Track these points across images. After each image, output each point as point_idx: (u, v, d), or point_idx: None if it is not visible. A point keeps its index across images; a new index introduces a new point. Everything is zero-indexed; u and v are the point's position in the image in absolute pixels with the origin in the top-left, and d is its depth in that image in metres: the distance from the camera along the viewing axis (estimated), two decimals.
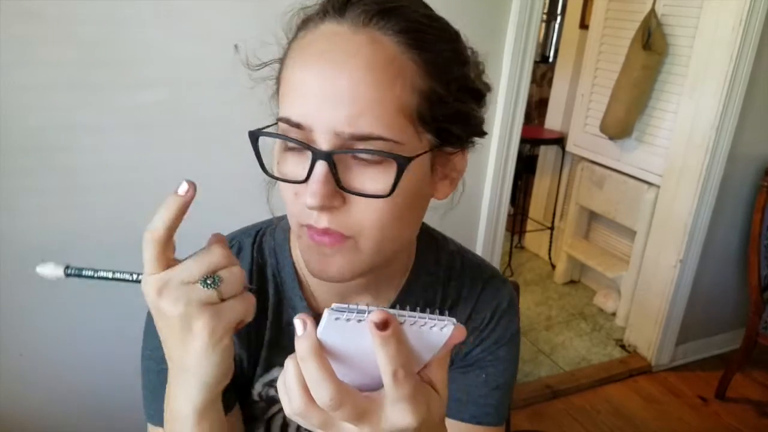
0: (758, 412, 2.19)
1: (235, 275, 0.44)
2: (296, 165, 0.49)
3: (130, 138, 1.25)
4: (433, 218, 0.63)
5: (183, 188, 0.43)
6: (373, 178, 0.47)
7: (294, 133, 0.48)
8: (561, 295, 2.94)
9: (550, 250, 3.23)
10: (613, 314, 2.74)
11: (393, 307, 0.62)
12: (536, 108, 3.73)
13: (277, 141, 0.51)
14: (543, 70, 3.65)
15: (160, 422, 0.57)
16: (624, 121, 2.41)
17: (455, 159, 0.56)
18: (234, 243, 0.64)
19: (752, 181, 2.23)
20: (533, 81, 3.52)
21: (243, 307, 0.45)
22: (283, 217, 0.63)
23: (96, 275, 0.46)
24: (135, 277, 0.45)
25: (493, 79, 1.82)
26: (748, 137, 2.12)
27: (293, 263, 0.62)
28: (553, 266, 3.16)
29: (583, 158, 2.87)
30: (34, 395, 1.34)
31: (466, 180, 0.60)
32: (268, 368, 0.64)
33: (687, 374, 2.38)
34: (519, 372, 2.21)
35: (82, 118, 1.20)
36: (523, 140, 2.01)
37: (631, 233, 2.62)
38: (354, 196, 0.48)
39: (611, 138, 2.54)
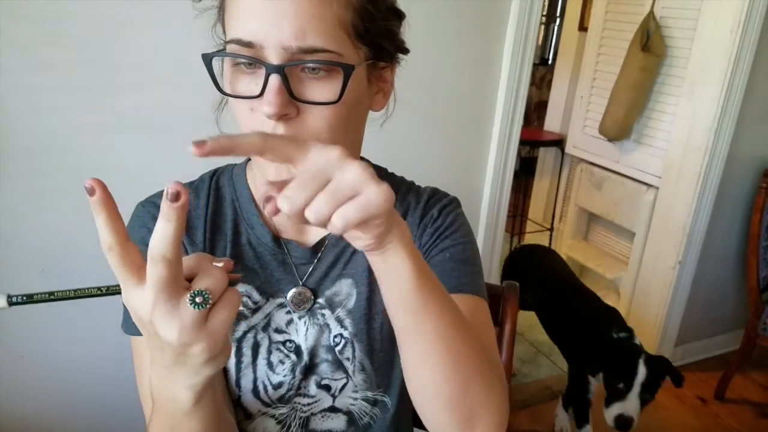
0: (757, 413, 2.19)
1: (218, 280, 0.42)
2: (249, 83, 0.54)
3: (132, 140, 1.25)
4: (372, 128, 0.67)
5: (88, 189, 0.39)
6: (322, 88, 0.53)
7: (245, 52, 0.53)
8: None
9: None
10: None
11: None
12: (535, 110, 3.73)
13: (228, 66, 0.55)
14: (542, 72, 3.66)
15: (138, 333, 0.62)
16: (623, 122, 2.42)
17: (385, 73, 0.63)
18: (196, 180, 0.72)
19: (751, 182, 2.24)
20: (532, 83, 3.52)
21: (231, 312, 0.43)
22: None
23: (52, 297, 0.42)
24: (104, 290, 0.42)
25: (492, 81, 1.83)
26: (747, 139, 2.13)
27: (249, 190, 0.69)
28: None
29: (582, 160, 2.87)
30: (35, 397, 1.34)
31: (466, 179, 0.62)
32: (232, 284, 0.66)
33: (686, 375, 2.36)
34: (518, 373, 2.22)
35: (83, 120, 1.20)
36: (523, 142, 2.02)
37: (630, 234, 2.63)
38: (306, 107, 0.53)
39: (610, 140, 2.54)
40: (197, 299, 0.41)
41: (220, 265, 0.44)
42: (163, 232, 0.39)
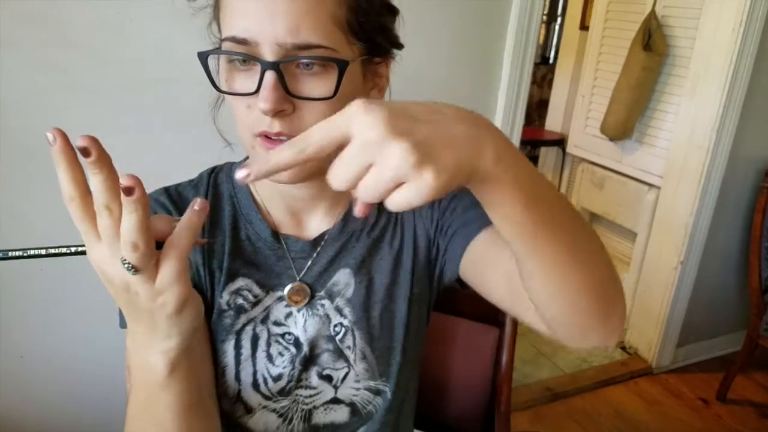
0: (759, 414, 2.19)
1: (139, 255, 0.41)
2: (245, 80, 0.55)
3: (131, 140, 1.25)
4: None
5: (50, 139, 0.40)
6: (317, 84, 0.54)
7: (240, 49, 0.53)
8: None
9: None
10: None
11: (344, 219, 0.70)
12: (536, 109, 3.73)
13: (224, 64, 0.56)
14: (543, 71, 3.65)
15: None
16: (624, 122, 2.42)
17: (381, 69, 0.63)
18: (195, 178, 0.73)
19: (753, 182, 2.23)
20: (533, 82, 3.52)
21: (175, 264, 0.43)
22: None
23: (26, 254, 0.43)
24: (73, 249, 0.43)
25: (493, 80, 1.82)
26: (749, 139, 2.12)
27: (248, 186, 0.70)
28: None
29: (583, 159, 2.87)
30: (35, 397, 1.34)
31: None
32: (232, 277, 0.68)
33: (688, 376, 2.38)
34: (519, 374, 2.22)
35: (83, 120, 1.20)
36: (524, 142, 2.01)
37: (632, 235, 2.62)
38: (301, 102, 0.54)
39: (611, 139, 2.54)
40: (125, 264, 0.41)
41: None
42: (94, 184, 0.40)
